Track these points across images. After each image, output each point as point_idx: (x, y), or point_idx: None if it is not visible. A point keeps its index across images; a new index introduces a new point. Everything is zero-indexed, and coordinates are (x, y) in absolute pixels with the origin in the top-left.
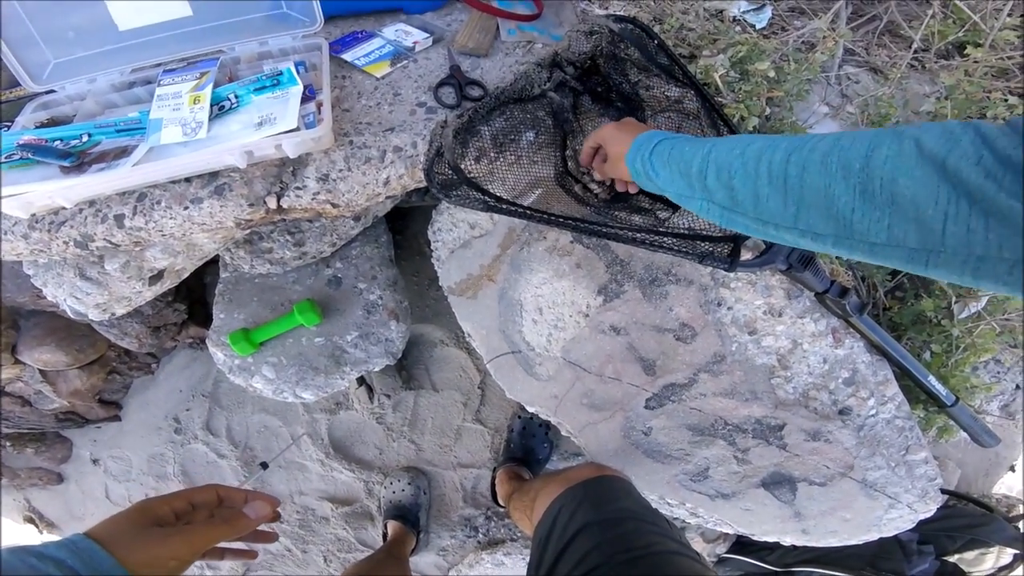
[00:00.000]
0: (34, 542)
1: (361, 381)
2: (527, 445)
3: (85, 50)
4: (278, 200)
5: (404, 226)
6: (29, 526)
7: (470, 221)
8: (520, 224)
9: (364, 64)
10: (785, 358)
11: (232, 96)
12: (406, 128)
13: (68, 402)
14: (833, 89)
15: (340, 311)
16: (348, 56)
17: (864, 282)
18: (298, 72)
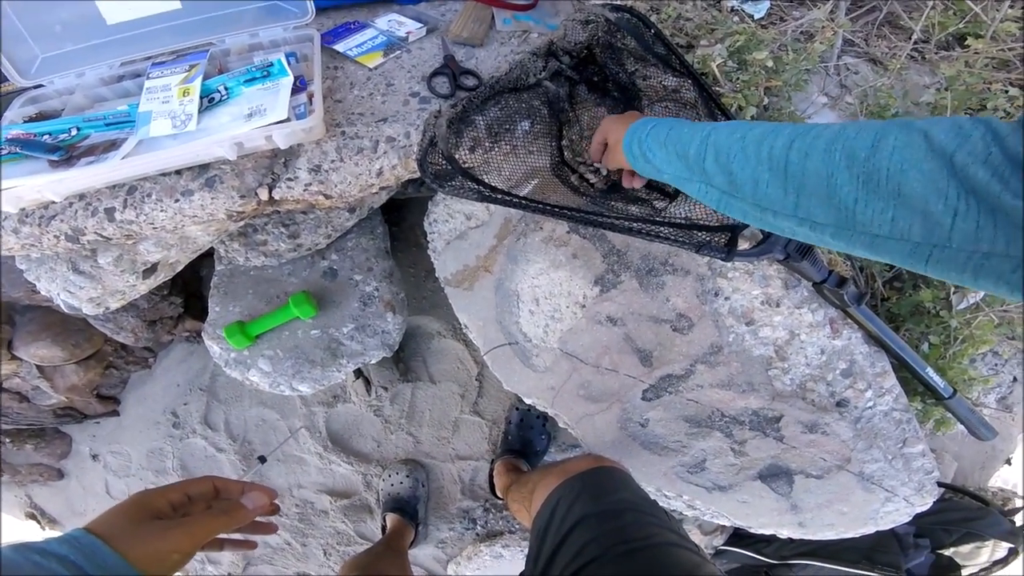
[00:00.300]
0: (35, 539)
1: (358, 374)
2: (525, 437)
3: (73, 44)
4: (270, 192)
5: (400, 217)
6: (31, 522)
7: (466, 212)
8: (516, 215)
9: (357, 55)
10: (782, 349)
11: (222, 88)
12: (399, 118)
13: (66, 397)
14: (832, 79)
15: (336, 303)
16: (340, 47)
17: (862, 272)
18: (289, 63)
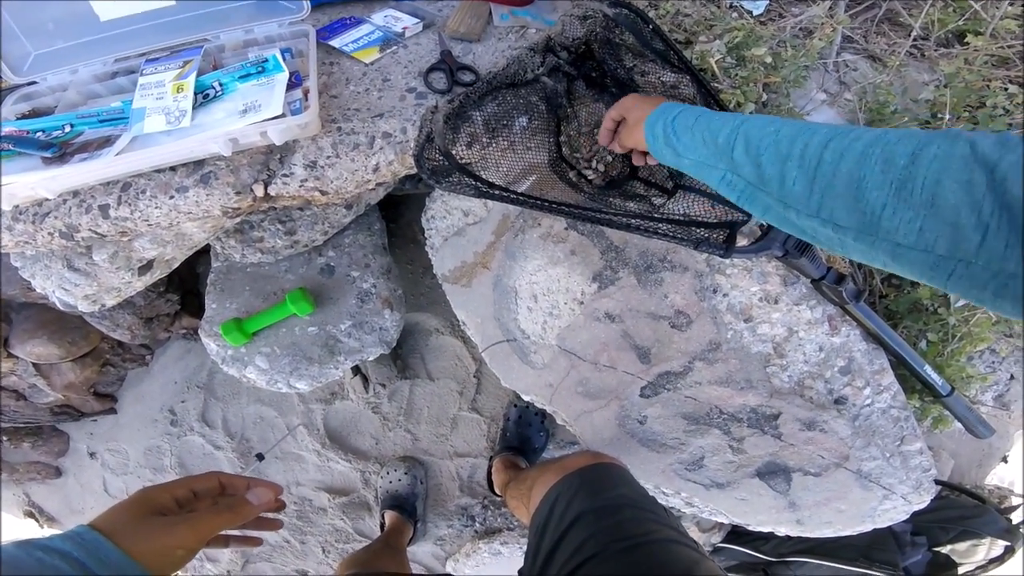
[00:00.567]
0: (37, 536)
1: (356, 371)
2: (523, 434)
3: (66, 41)
4: (265, 188)
5: (398, 214)
6: (30, 521)
7: (464, 208)
8: (514, 211)
9: (353, 50)
10: (781, 346)
11: (216, 84)
12: (395, 114)
13: (62, 395)
14: (831, 76)
15: (333, 300)
16: (336, 42)
17: (860, 269)
18: (284, 59)
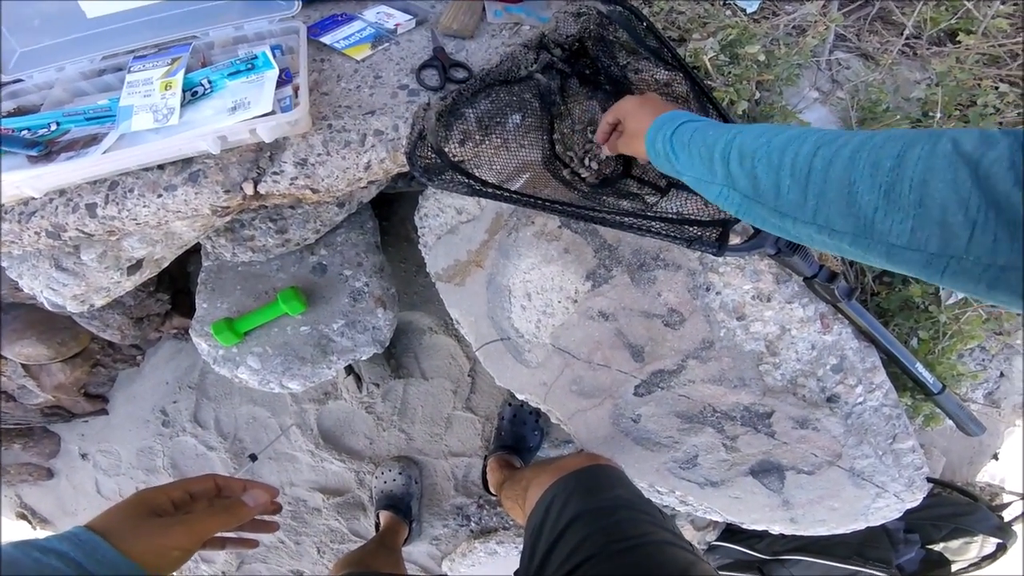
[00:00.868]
0: (34, 537)
1: (349, 370)
2: (518, 433)
3: (52, 38)
4: (255, 186)
5: (390, 212)
6: (22, 522)
7: (457, 207)
8: (508, 209)
9: (344, 47)
10: (773, 344)
11: (205, 81)
12: (387, 111)
13: (53, 396)
14: (824, 74)
15: (326, 299)
16: (327, 39)
17: (852, 267)
18: (274, 56)
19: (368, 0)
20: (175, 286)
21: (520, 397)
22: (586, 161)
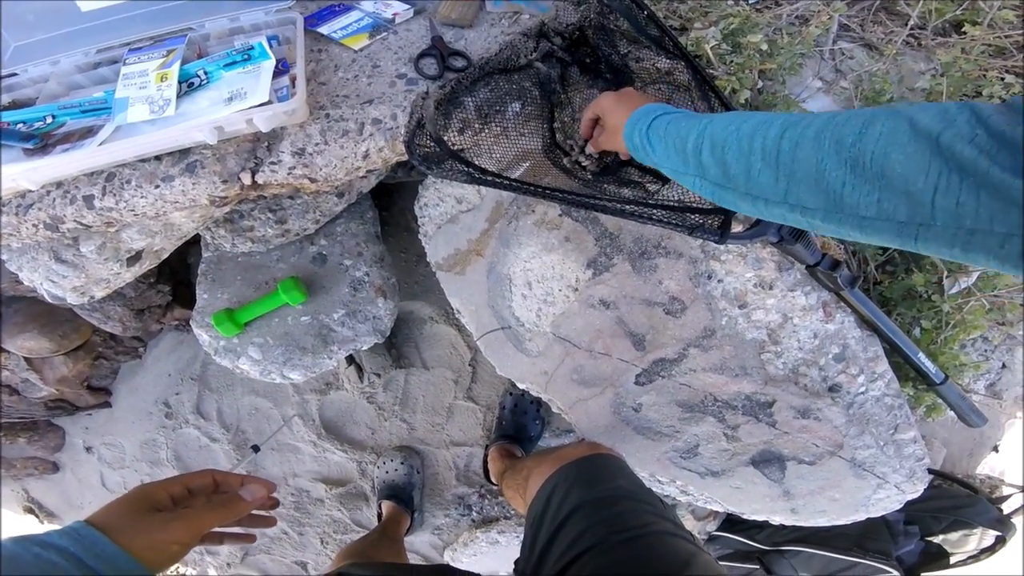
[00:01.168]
0: (35, 532)
1: (350, 360)
2: (519, 422)
3: (46, 32)
4: (253, 176)
5: (390, 202)
6: (29, 517)
7: (457, 196)
8: (508, 198)
9: (341, 37)
10: (775, 333)
11: (201, 72)
12: (385, 100)
13: (56, 389)
14: (827, 64)
15: (326, 289)
16: (324, 29)
17: (855, 256)
18: (271, 46)
19: None
20: (176, 277)
21: (521, 386)
22: (587, 149)
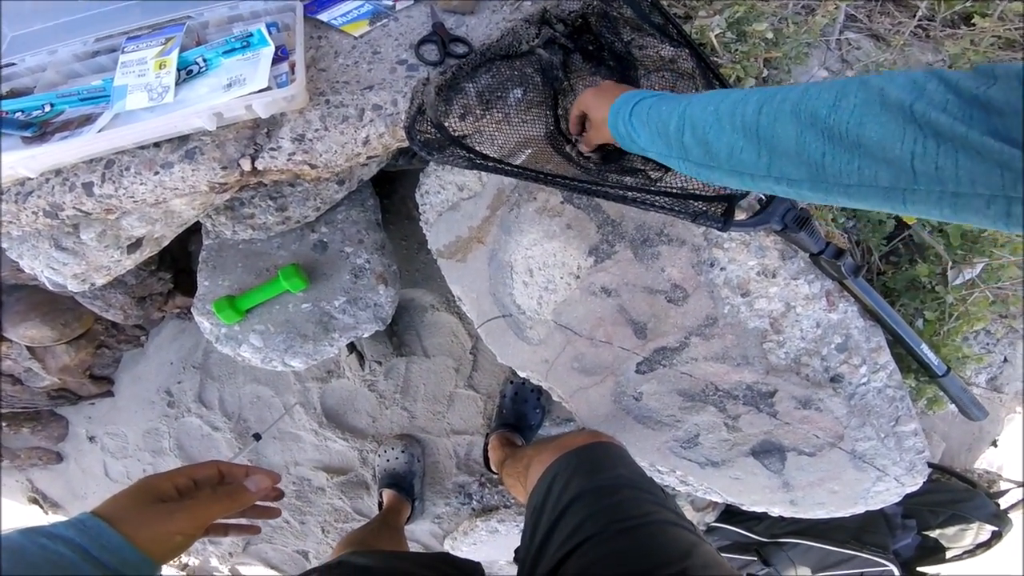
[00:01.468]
0: (41, 524)
1: (352, 348)
2: (519, 411)
3: (43, 22)
4: (252, 162)
5: (391, 190)
6: (34, 507)
7: (458, 183)
8: (510, 185)
9: (341, 24)
10: (778, 322)
11: (200, 60)
12: (386, 86)
13: (58, 379)
14: (833, 54)
15: (327, 276)
16: (324, 16)
17: (859, 246)
18: (270, 33)
19: None
20: (177, 265)
21: (522, 375)
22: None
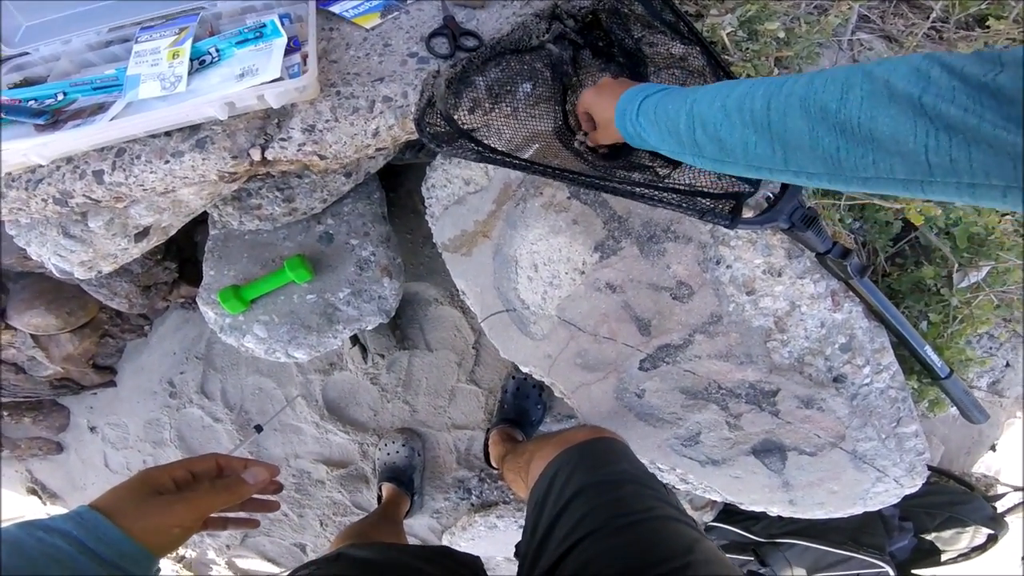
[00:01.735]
0: (39, 517)
1: (355, 340)
2: (521, 406)
3: (57, 12)
4: (262, 152)
5: (398, 184)
6: (32, 498)
7: (465, 177)
8: (516, 180)
9: (353, 16)
10: (782, 320)
11: (213, 50)
12: (396, 78)
13: (62, 368)
14: (844, 54)
15: (332, 268)
16: (336, 8)
17: (865, 247)
18: (283, 24)
19: None
20: (182, 255)
21: (524, 370)
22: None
